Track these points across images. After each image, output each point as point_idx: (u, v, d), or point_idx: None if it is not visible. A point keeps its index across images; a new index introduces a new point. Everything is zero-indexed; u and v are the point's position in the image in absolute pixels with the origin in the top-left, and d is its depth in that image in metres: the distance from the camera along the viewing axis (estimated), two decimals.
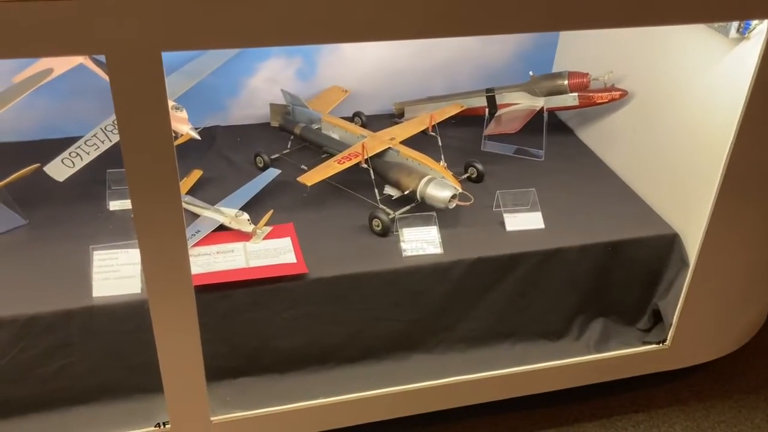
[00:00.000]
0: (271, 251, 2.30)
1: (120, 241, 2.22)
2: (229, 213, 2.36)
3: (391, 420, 2.38)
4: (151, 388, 2.19)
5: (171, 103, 2.49)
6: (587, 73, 2.80)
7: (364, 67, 3.15)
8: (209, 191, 2.61)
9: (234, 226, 2.35)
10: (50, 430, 2.14)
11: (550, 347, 2.57)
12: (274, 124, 2.99)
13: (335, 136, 2.76)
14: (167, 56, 1.53)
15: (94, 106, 2.89)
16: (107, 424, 2.15)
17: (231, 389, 2.31)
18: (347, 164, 2.47)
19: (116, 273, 2.12)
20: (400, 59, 3.17)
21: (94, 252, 2.13)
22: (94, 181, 2.53)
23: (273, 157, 2.79)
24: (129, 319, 2.11)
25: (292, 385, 2.35)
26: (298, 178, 2.44)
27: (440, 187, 2.37)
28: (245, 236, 2.35)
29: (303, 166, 2.73)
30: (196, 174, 2.63)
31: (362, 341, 2.39)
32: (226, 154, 2.88)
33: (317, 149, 2.80)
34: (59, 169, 2.28)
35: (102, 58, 2.60)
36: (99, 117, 2.89)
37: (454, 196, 2.37)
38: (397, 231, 2.36)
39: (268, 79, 3.06)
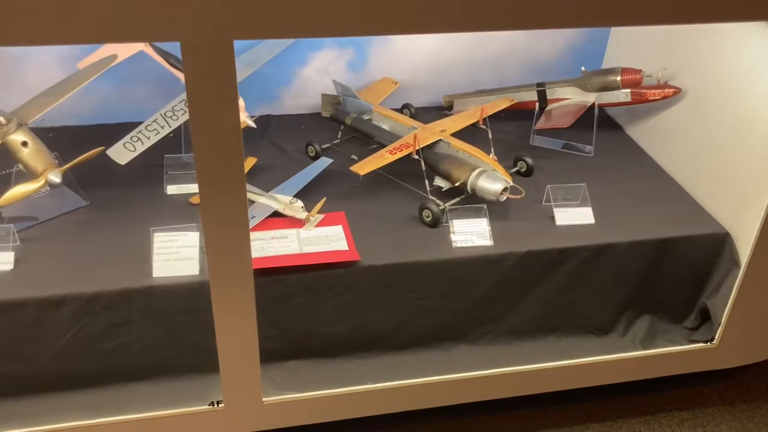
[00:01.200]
0: (323, 238, 2.34)
1: (177, 224, 2.29)
2: (283, 200, 2.41)
3: (435, 408, 2.42)
4: (204, 368, 2.26)
5: None
6: (640, 70, 2.78)
7: (413, 59, 3.17)
8: (262, 178, 2.66)
9: (288, 212, 2.40)
10: (107, 404, 2.22)
11: (595, 342, 2.57)
12: (325, 114, 3.03)
13: (386, 127, 2.80)
14: None
15: (149, 92, 2.97)
16: (162, 401, 2.22)
17: (281, 371, 2.36)
18: (399, 155, 2.50)
19: (175, 255, 2.18)
20: (450, 52, 3.19)
21: (155, 234, 2.20)
22: (152, 165, 2.60)
23: (324, 146, 2.84)
24: (186, 300, 2.18)
25: (339, 370, 2.40)
26: (350, 168, 2.48)
27: (492, 179, 2.39)
28: (298, 223, 2.40)
29: (353, 156, 2.77)
30: (251, 161, 2.69)
31: (409, 330, 2.43)
32: (279, 142, 2.93)
33: (367, 140, 2.84)
34: (121, 153, 2.35)
35: (163, 45, 2.69)
36: (154, 103, 2.97)
37: (505, 189, 2.39)
38: (447, 222, 2.39)
39: (319, 70, 3.10)
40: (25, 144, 2.20)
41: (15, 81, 2.83)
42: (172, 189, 2.56)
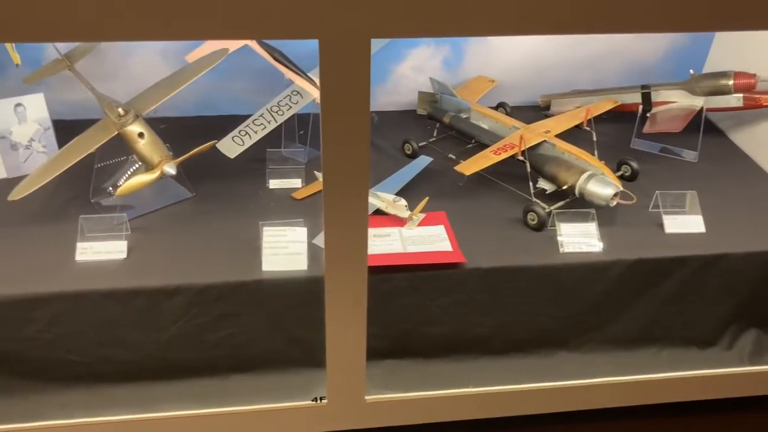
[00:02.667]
0: (426, 238, 2.32)
1: (280, 218, 2.30)
2: (386, 198, 2.39)
3: (533, 415, 2.37)
4: (306, 363, 2.27)
5: None
6: (755, 74, 2.67)
7: (510, 58, 3.12)
8: None
9: (390, 211, 2.39)
10: (210, 395, 2.25)
11: (698, 355, 2.49)
12: (421, 111, 3.01)
13: (485, 126, 2.76)
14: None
15: (247, 86, 3.00)
16: (265, 393, 2.24)
17: (378, 370, 2.35)
18: (503, 155, 2.46)
19: (284, 249, 2.19)
20: (547, 52, 3.13)
21: (264, 228, 2.21)
22: (253, 159, 2.62)
23: (421, 144, 2.81)
24: (294, 295, 2.19)
25: (437, 371, 2.38)
26: (455, 168, 2.45)
27: (602, 184, 2.33)
28: (400, 221, 2.38)
29: (451, 155, 2.74)
30: None
31: (510, 334, 2.39)
32: (373, 139, 2.91)
33: (465, 138, 2.80)
34: (230, 147, 2.37)
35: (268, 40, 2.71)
36: (252, 96, 3.01)
37: (615, 194, 2.32)
38: (554, 226, 2.34)
39: (414, 67, 3.08)
40: (141, 135, 2.24)
41: (120, 72, 2.89)
42: (274, 183, 2.57)
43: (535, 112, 3.13)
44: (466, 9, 1.55)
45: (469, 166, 2.42)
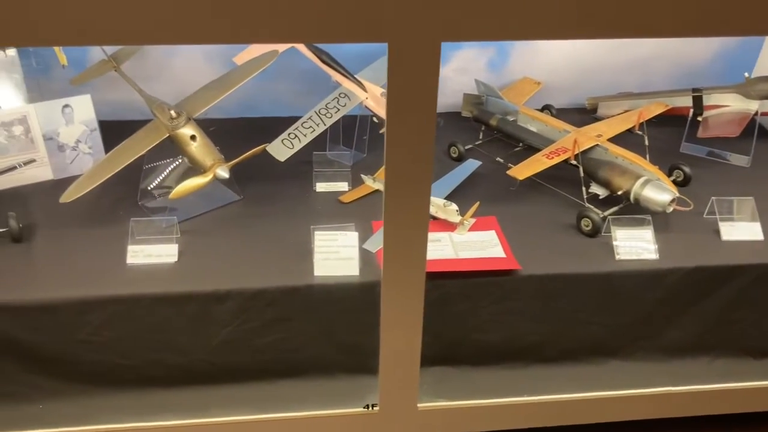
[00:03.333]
0: (477, 243, 2.29)
1: (328, 222, 2.27)
2: (437, 202, 2.36)
3: (584, 425, 2.33)
4: (356, 369, 2.24)
5: (380, 90, 2.53)
6: None
7: (555, 59, 3.07)
8: None
9: (440, 215, 2.35)
10: (258, 401, 2.22)
11: (753, 366, 2.43)
12: (466, 113, 2.97)
13: (533, 129, 2.71)
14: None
15: (289, 88, 2.98)
16: (314, 399, 2.21)
17: (427, 377, 2.31)
18: (556, 160, 2.42)
19: (336, 254, 2.16)
20: (592, 53, 3.08)
21: (315, 232, 2.19)
22: (299, 162, 2.59)
23: (467, 147, 2.78)
24: (345, 300, 2.16)
25: (486, 380, 2.34)
26: (508, 172, 2.41)
27: (659, 189, 2.28)
28: (450, 226, 2.35)
29: (498, 159, 2.70)
30: None
31: (561, 342, 2.34)
32: None
33: (512, 142, 2.76)
34: (280, 150, 2.35)
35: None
36: (295, 99, 2.99)
37: (672, 200, 2.27)
38: (607, 232, 2.29)
39: (458, 69, 3.04)
40: (193, 138, 2.22)
41: (163, 73, 2.88)
42: (321, 186, 2.55)
43: (581, 114, 3.08)
44: (536, 12, 1.51)
45: (522, 171, 2.38)
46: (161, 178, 2.40)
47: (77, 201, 2.31)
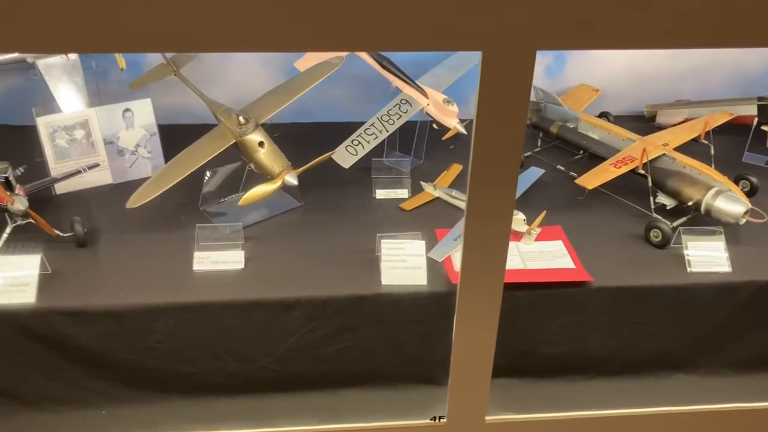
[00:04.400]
0: (545, 254, 2.25)
1: (389, 229, 2.25)
2: None
3: None
4: (420, 380, 2.21)
5: (442, 96, 2.50)
6: None
7: (611, 66, 3.02)
8: (463, 185, 2.58)
9: None
10: (322, 409, 2.20)
11: None
12: None
13: (595, 136, 2.67)
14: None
15: (344, 94, 2.96)
16: (377, 410, 2.19)
17: (492, 389, 2.28)
18: (624, 169, 2.37)
19: (403, 263, 2.13)
20: (648, 61, 3.03)
21: (382, 240, 2.16)
22: (357, 168, 2.55)
23: (526, 155, 2.74)
24: (412, 310, 2.13)
25: (551, 392, 2.30)
26: (576, 181, 2.37)
27: (731, 201, 2.23)
28: (516, 235, 2.31)
29: (559, 166, 2.66)
30: (456, 168, 2.62)
31: (627, 355, 2.30)
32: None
33: (572, 149, 2.72)
34: (345, 157, 2.32)
35: None
36: (348, 105, 2.97)
37: (746, 212, 2.22)
38: (678, 243, 2.25)
39: None
40: (261, 144, 2.20)
41: (219, 77, 2.86)
42: (381, 193, 2.52)
43: (639, 122, 3.03)
44: (633, 22, 1.48)
45: (590, 180, 2.34)
46: (223, 183, 2.39)
47: (139, 206, 2.30)
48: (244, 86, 2.81)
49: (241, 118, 2.19)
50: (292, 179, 2.17)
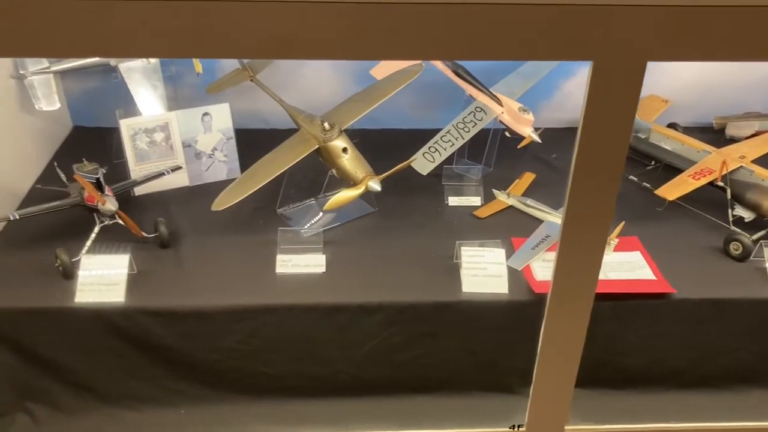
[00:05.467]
0: (624, 264, 2.24)
1: (463, 237, 2.26)
2: None
3: None
4: (495, 388, 2.22)
5: (518, 105, 2.50)
6: None
7: (679, 77, 3.00)
8: (538, 194, 2.58)
9: None
10: (398, 414, 2.21)
11: None
12: None
13: (668, 147, 2.65)
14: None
15: (411, 102, 2.97)
16: (453, 417, 2.19)
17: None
18: (703, 181, 2.36)
19: (484, 271, 2.14)
20: (717, 72, 3.00)
21: (462, 248, 2.17)
22: (429, 175, 2.56)
23: None
24: (493, 318, 2.13)
25: (627, 403, 2.29)
26: (656, 192, 2.36)
27: None
28: None
29: (632, 177, 2.65)
30: (529, 177, 2.62)
31: (704, 368, 2.28)
32: (542, 156, 2.84)
33: (644, 160, 2.70)
34: (423, 164, 2.34)
35: None
36: (415, 112, 2.99)
37: None
38: (759, 256, 2.23)
39: (583, 84, 2.98)
40: (345, 150, 2.22)
41: (290, 82, 2.89)
42: (453, 200, 2.53)
43: (707, 133, 2.99)
44: (749, 33, 1.47)
45: (670, 191, 2.33)
46: (300, 187, 2.42)
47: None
48: (315, 92, 2.84)
49: (326, 124, 2.21)
50: (375, 185, 2.18)
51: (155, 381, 2.18)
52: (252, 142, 2.70)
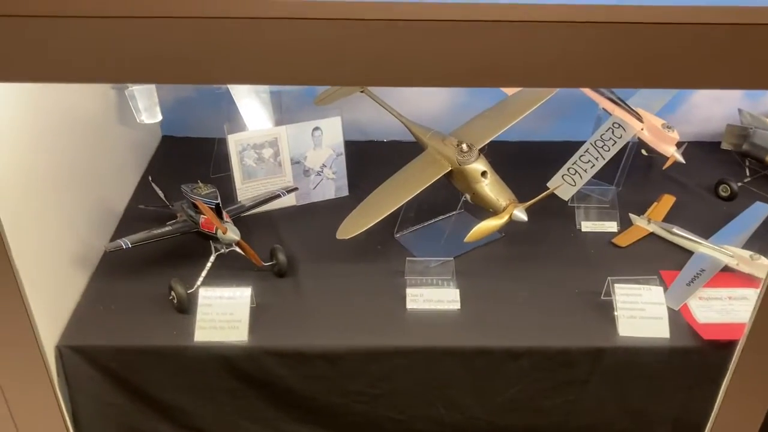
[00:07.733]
0: None
1: (602, 267, 2.07)
2: (740, 254, 2.08)
3: None
4: None
5: (660, 121, 2.27)
6: None
7: None
8: (675, 219, 2.35)
9: (744, 269, 2.07)
10: None
11: None
12: (727, 146, 2.66)
13: None
14: None
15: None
16: None
17: None
18: None
19: (641, 312, 1.91)
20: None
21: (616, 285, 1.94)
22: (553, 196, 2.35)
23: (738, 185, 2.48)
24: (650, 365, 1.91)
25: None
26: None
27: None
28: (752, 281, 2.07)
29: None
30: (668, 200, 2.39)
31: None
32: (671, 174, 2.58)
33: None
34: (564, 189, 2.12)
35: None
36: (525, 123, 2.76)
37: None
38: None
39: (712, 96, 2.74)
40: (484, 174, 2.00)
41: (395, 93, 2.67)
42: (586, 225, 2.30)
43: None
44: None
45: None
46: (420, 210, 2.21)
47: (329, 230, 2.14)
48: (419, 104, 2.62)
49: (464, 146, 1.99)
50: (521, 214, 1.96)
51: (270, 423, 2.00)
52: (354, 155, 2.51)
